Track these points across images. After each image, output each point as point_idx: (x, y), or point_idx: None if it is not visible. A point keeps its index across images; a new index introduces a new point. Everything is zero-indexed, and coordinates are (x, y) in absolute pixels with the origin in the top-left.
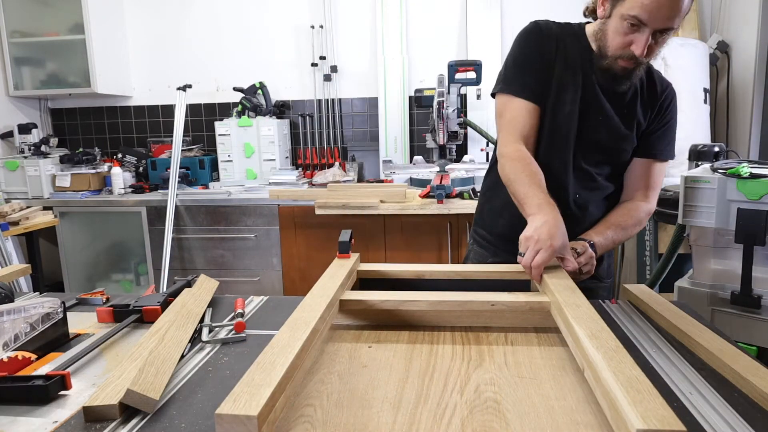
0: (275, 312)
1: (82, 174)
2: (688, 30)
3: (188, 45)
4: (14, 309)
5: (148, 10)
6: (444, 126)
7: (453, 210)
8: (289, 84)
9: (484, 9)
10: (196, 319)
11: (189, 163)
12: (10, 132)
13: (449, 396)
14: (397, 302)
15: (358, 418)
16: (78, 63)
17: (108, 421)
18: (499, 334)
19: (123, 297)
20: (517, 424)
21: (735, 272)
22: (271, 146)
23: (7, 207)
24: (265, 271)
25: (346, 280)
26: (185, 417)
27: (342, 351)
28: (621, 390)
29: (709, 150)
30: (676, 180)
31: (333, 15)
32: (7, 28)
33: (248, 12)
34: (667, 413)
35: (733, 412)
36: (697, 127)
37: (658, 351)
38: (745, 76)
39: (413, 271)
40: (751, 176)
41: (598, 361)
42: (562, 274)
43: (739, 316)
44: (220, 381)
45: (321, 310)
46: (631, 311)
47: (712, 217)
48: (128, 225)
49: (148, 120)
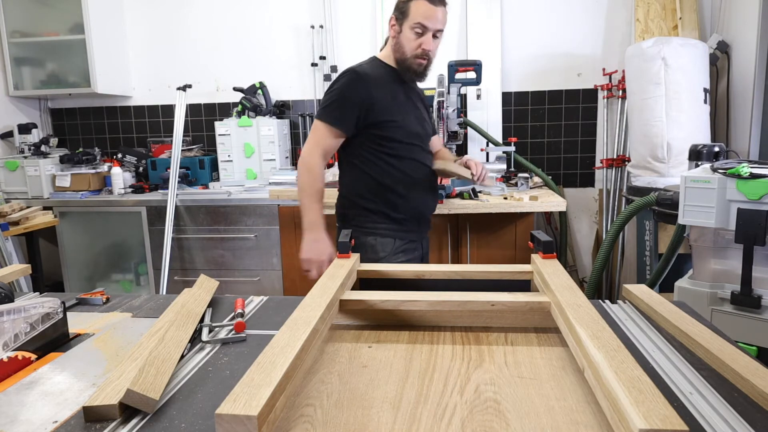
0: (275, 312)
1: (82, 174)
2: (688, 30)
3: (188, 45)
4: (14, 309)
5: (148, 10)
6: (444, 126)
7: (453, 210)
8: (289, 84)
9: (484, 9)
10: (196, 319)
11: (189, 163)
12: (10, 132)
13: (449, 396)
14: (397, 302)
15: (358, 418)
16: (78, 63)
17: (108, 421)
18: (499, 334)
19: (124, 297)
20: (517, 425)
21: (735, 272)
22: (271, 146)
23: (7, 207)
24: (265, 271)
25: (346, 280)
26: (185, 417)
27: (342, 351)
28: (623, 390)
29: (709, 150)
30: (676, 180)
31: (333, 15)
32: (7, 28)
33: (248, 12)
34: (669, 413)
35: (733, 412)
36: (697, 127)
37: (658, 351)
38: (745, 76)
39: (413, 271)
40: (751, 176)
41: (599, 361)
42: (562, 274)
43: (739, 316)
44: (220, 381)
45: (321, 310)
46: (632, 311)
47: (712, 217)
48: (128, 225)
49: (148, 120)
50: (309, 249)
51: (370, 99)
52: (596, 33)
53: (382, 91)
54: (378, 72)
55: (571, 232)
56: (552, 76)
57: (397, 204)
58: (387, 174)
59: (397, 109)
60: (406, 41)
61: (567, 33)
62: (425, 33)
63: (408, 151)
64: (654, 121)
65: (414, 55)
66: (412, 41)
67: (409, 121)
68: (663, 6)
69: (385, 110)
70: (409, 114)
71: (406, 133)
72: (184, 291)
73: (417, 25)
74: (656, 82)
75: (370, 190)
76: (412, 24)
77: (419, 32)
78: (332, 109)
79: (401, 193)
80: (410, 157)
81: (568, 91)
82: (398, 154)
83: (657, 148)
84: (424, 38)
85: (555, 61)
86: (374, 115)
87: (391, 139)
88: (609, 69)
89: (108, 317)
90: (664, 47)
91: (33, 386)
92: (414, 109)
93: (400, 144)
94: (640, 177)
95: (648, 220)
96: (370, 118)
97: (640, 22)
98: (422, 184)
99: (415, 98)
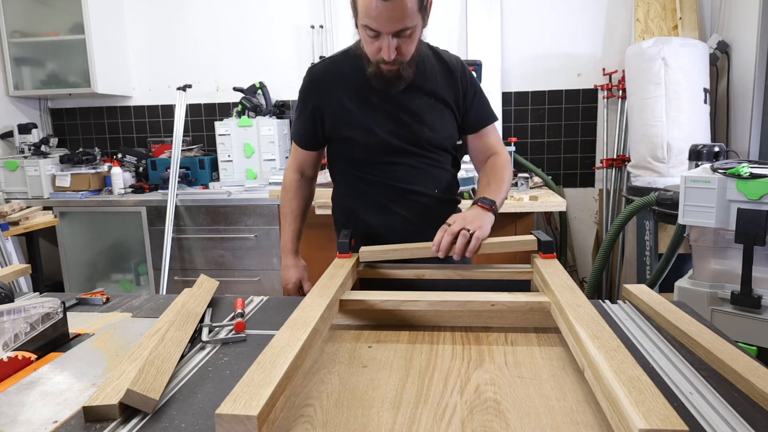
0: (275, 312)
1: (82, 174)
2: (688, 30)
3: (188, 45)
4: (14, 309)
5: (148, 10)
6: None
7: None
8: (289, 84)
9: (484, 9)
10: (196, 319)
11: (189, 163)
12: (10, 132)
13: (449, 396)
14: (397, 302)
15: (358, 418)
16: (78, 63)
17: (108, 421)
18: (499, 334)
19: (124, 297)
20: (517, 425)
21: (735, 272)
22: (271, 146)
23: (7, 207)
24: (265, 271)
25: (346, 280)
26: (185, 417)
27: (342, 351)
28: (623, 390)
29: (709, 150)
30: (676, 180)
31: (333, 15)
32: (7, 28)
33: (248, 12)
34: (669, 413)
35: (733, 412)
36: (697, 127)
37: (658, 351)
38: (745, 76)
39: (413, 272)
40: (751, 176)
41: (599, 361)
42: (562, 274)
43: (739, 316)
44: (220, 381)
45: (321, 310)
46: (631, 311)
47: (712, 217)
48: (128, 225)
49: (148, 120)
50: (281, 273)
51: (319, 107)
52: (596, 33)
53: (337, 97)
54: (342, 69)
55: (571, 232)
56: (552, 76)
57: (368, 234)
58: (358, 199)
59: (359, 118)
60: (365, 43)
61: (567, 33)
62: (379, 36)
63: (381, 172)
64: (654, 121)
65: (376, 61)
66: (369, 44)
67: (380, 133)
68: (663, 6)
69: (337, 122)
70: (382, 125)
71: (370, 150)
72: (184, 291)
73: (366, 28)
74: (656, 82)
75: (343, 212)
76: (361, 24)
77: (371, 35)
78: (294, 121)
79: (372, 224)
80: (383, 181)
81: (568, 91)
82: (366, 177)
83: (657, 148)
84: (381, 43)
85: (555, 61)
86: (328, 127)
87: (349, 158)
88: (609, 69)
89: (108, 317)
90: (664, 47)
91: (33, 386)
92: (394, 116)
93: (366, 163)
94: (640, 177)
95: (648, 220)
96: (327, 131)
97: (640, 22)
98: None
99: (404, 99)
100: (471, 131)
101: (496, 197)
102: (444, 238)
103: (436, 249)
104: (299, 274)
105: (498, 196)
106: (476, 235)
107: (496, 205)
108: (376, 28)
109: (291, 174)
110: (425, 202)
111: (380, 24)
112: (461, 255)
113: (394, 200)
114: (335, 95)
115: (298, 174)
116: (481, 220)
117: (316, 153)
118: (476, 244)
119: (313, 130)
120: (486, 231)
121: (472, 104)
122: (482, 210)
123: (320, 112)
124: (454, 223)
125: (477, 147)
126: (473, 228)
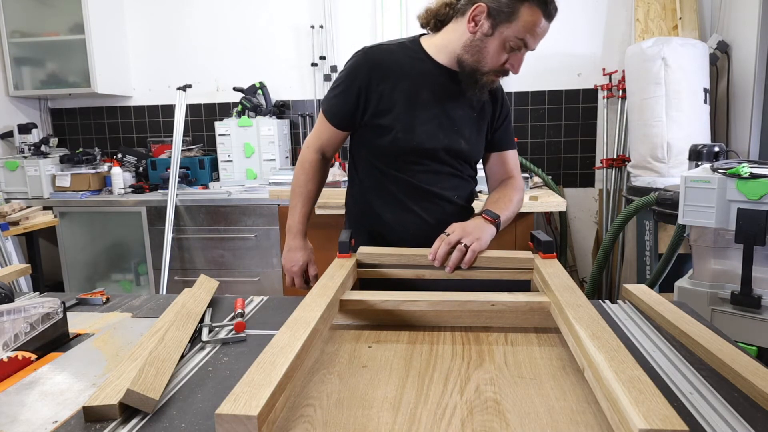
0: (275, 312)
1: (82, 174)
2: (688, 30)
3: (188, 45)
4: (14, 309)
5: (148, 10)
6: None
7: None
8: (289, 84)
9: None
10: (196, 319)
11: (189, 163)
12: (10, 132)
13: (449, 396)
14: (397, 302)
15: (358, 418)
16: (78, 63)
17: (108, 421)
18: (499, 334)
19: (124, 297)
20: (517, 425)
21: (735, 272)
22: (271, 146)
23: (7, 207)
24: (265, 271)
25: (346, 280)
26: (185, 417)
27: (342, 351)
28: (623, 390)
29: (709, 150)
30: (676, 180)
31: (333, 15)
32: (7, 28)
33: (248, 12)
34: (669, 413)
35: (733, 412)
36: (697, 127)
37: (658, 351)
38: (745, 76)
39: (413, 271)
40: (751, 176)
41: (599, 361)
42: (562, 274)
43: (739, 316)
44: (220, 381)
45: (321, 310)
46: (631, 311)
47: (712, 217)
48: (128, 225)
49: (148, 120)
50: (284, 256)
51: (367, 89)
52: (596, 33)
53: (389, 84)
54: (400, 59)
55: (571, 232)
56: (552, 76)
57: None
58: (377, 192)
59: (403, 112)
60: (491, 50)
61: (567, 33)
62: (521, 49)
63: (407, 170)
64: (654, 121)
65: (494, 71)
66: (500, 54)
67: (417, 133)
68: (663, 6)
69: (380, 109)
70: (422, 125)
71: (402, 147)
72: (184, 291)
73: (518, 41)
74: (656, 82)
75: (357, 204)
76: (514, 34)
77: (514, 46)
78: (331, 96)
79: (387, 219)
80: (407, 179)
81: (568, 91)
82: (390, 172)
83: (657, 148)
84: (518, 56)
85: (555, 60)
86: (369, 113)
87: (377, 149)
88: (609, 69)
89: (108, 317)
90: (664, 47)
91: (33, 386)
92: (436, 120)
93: (394, 158)
94: (640, 177)
95: (648, 220)
96: (366, 116)
97: (640, 22)
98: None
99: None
100: (494, 149)
101: (501, 213)
102: (441, 248)
103: (433, 258)
104: (307, 257)
105: (504, 212)
106: (472, 247)
107: (500, 220)
108: (530, 44)
109: (311, 154)
110: (444, 206)
111: (535, 41)
112: (454, 268)
113: (414, 199)
114: (387, 82)
115: (319, 154)
116: (481, 231)
117: (344, 135)
118: (472, 257)
119: (354, 110)
120: (484, 243)
121: (502, 126)
122: (485, 222)
123: (367, 94)
124: (453, 233)
125: (495, 165)
126: (471, 240)
